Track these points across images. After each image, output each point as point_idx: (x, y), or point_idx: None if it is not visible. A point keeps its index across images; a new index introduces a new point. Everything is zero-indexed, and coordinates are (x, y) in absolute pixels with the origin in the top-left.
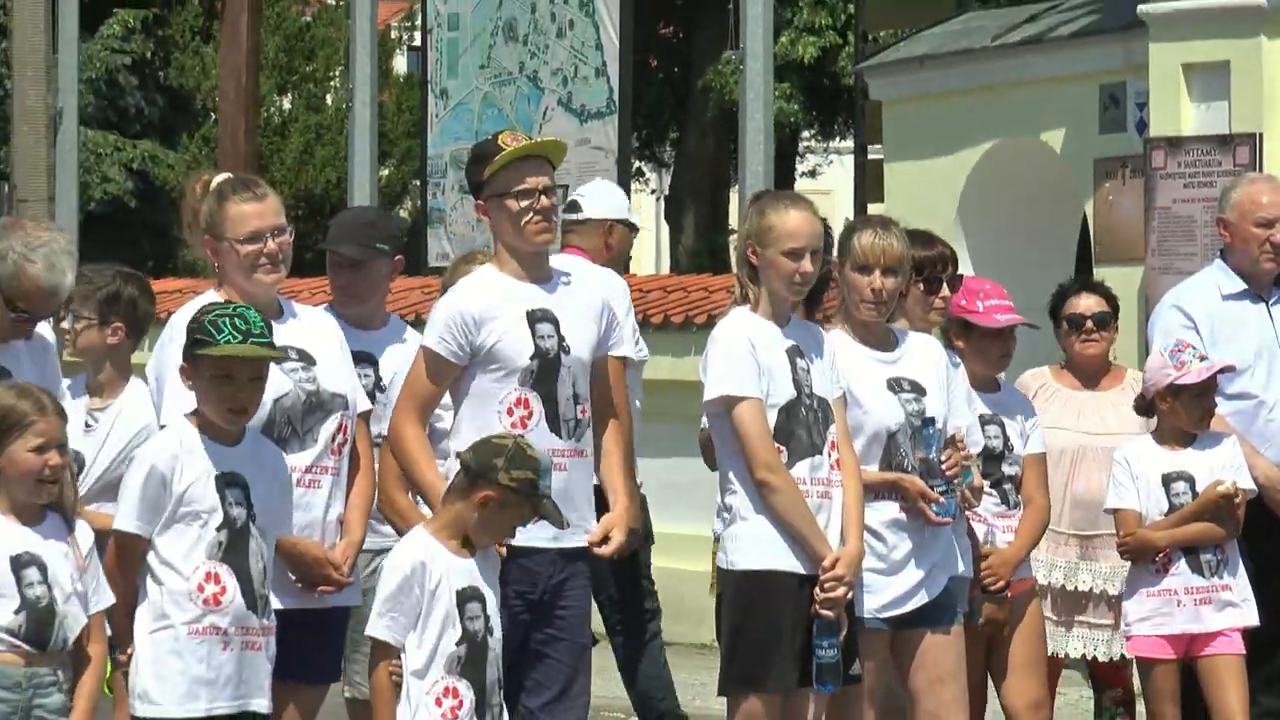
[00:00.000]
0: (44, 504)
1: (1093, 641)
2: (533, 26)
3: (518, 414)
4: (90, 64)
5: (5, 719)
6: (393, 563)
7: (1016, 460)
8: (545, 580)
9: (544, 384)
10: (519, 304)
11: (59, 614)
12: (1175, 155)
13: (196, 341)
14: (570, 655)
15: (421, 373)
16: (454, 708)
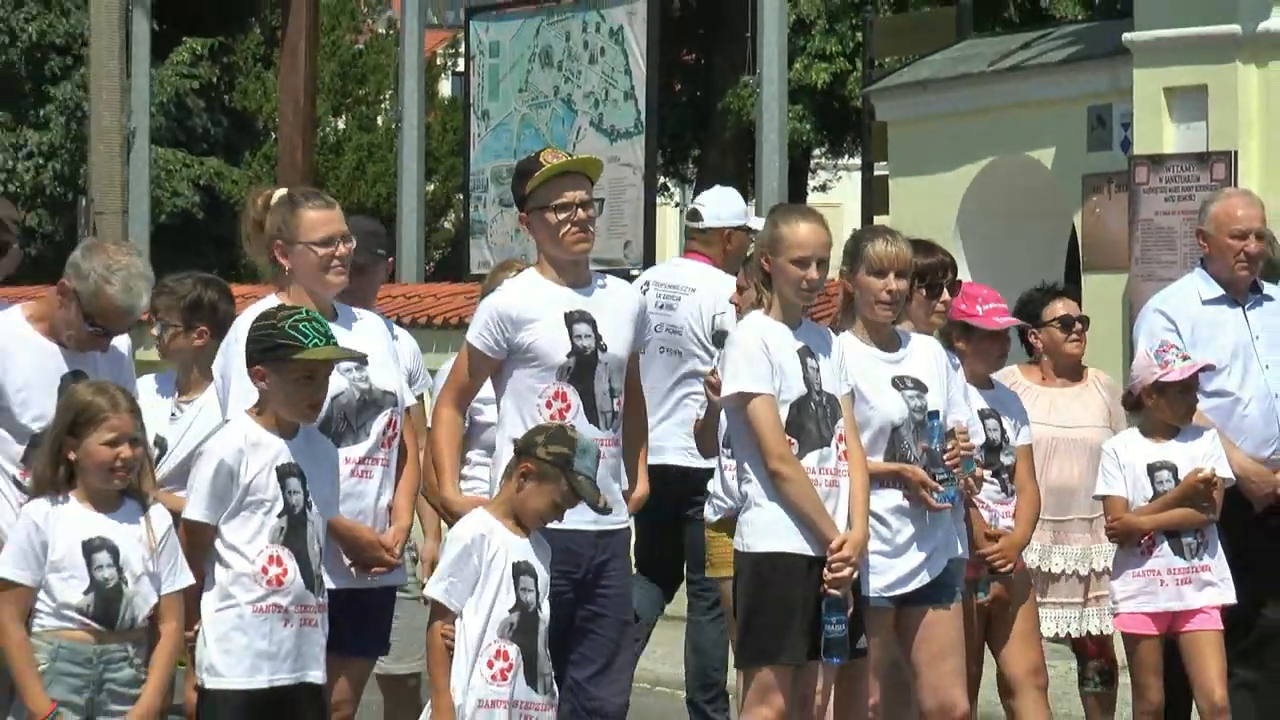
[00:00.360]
0: (120, 491)
1: (1063, 620)
2: (567, 53)
3: (556, 406)
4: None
5: (78, 692)
6: (455, 533)
7: (1012, 451)
8: (588, 561)
9: (581, 379)
10: (558, 306)
11: (127, 594)
12: (1157, 171)
13: (280, 346)
14: (613, 630)
15: (463, 364)
16: (504, 669)
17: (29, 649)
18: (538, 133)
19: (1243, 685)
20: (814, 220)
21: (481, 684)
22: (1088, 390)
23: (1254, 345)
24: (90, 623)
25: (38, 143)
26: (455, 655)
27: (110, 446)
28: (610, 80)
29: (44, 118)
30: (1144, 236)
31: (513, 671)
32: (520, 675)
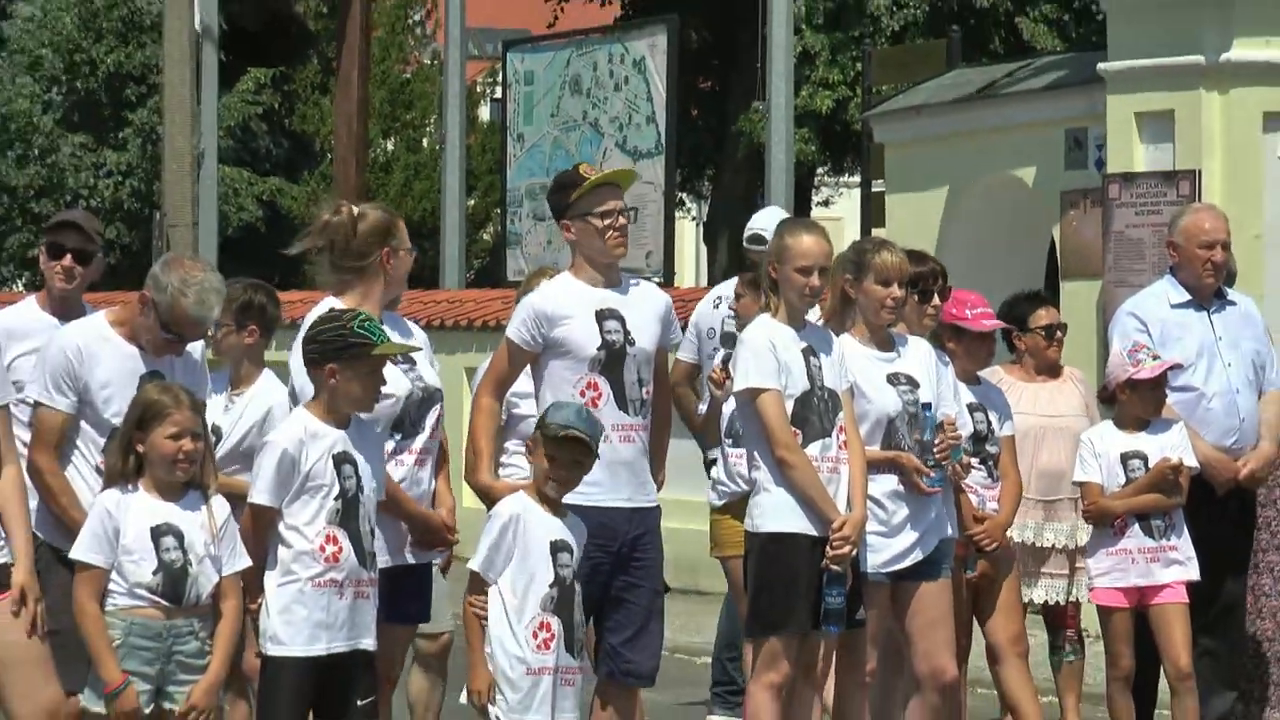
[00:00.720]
0: (184, 482)
1: (1053, 590)
2: (594, 82)
3: (589, 395)
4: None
5: (149, 663)
6: (495, 512)
7: (997, 441)
8: (623, 535)
9: (611, 370)
10: (590, 305)
11: (191, 575)
12: (1128, 188)
13: (353, 345)
14: (646, 599)
15: (502, 357)
16: (546, 639)
17: (103, 625)
18: (568, 153)
19: (1206, 653)
20: (817, 233)
21: (528, 653)
22: (1066, 385)
23: (1217, 345)
24: (159, 600)
25: (116, 163)
26: (491, 623)
27: (174, 440)
28: (633, 106)
29: (122, 140)
30: (1116, 247)
31: (555, 641)
32: (561, 644)
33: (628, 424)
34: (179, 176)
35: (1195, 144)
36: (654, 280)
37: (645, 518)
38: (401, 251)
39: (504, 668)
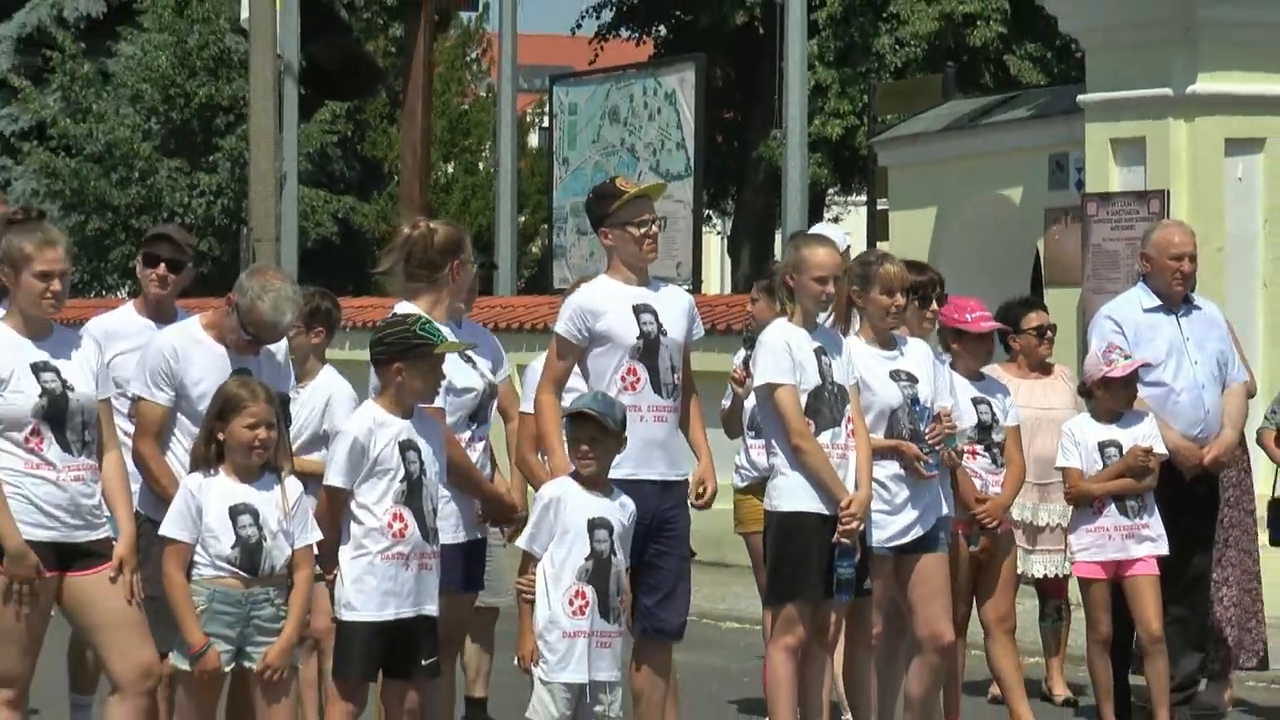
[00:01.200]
0: (260, 466)
1: (1050, 564)
2: (630, 112)
3: (629, 380)
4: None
5: (230, 627)
6: (539, 495)
7: (1002, 430)
8: (654, 508)
9: (648, 358)
10: (627, 300)
11: (266, 548)
12: (1105, 206)
13: (418, 345)
14: (675, 565)
15: (553, 353)
16: (581, 606)
17: (188, 593)
18: (607, 176)
19: (1175, 620)
20: (830, 246)
21: (565, 618)
22: (1056, 381)
23: (1185, 346)
24: (238, 571)
25: (208, 184)
26: (536, 593)
27: (250, 429)
28: (665, 133)
29: (213, 163)
30: (1094, 258)
31: (590, 608)
32: (595, 610)
33: (661, 405)
34: (263, 196)
35: (1164, 167)
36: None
37: (676, 491)
38: (468, 264)
39: (543, 632)
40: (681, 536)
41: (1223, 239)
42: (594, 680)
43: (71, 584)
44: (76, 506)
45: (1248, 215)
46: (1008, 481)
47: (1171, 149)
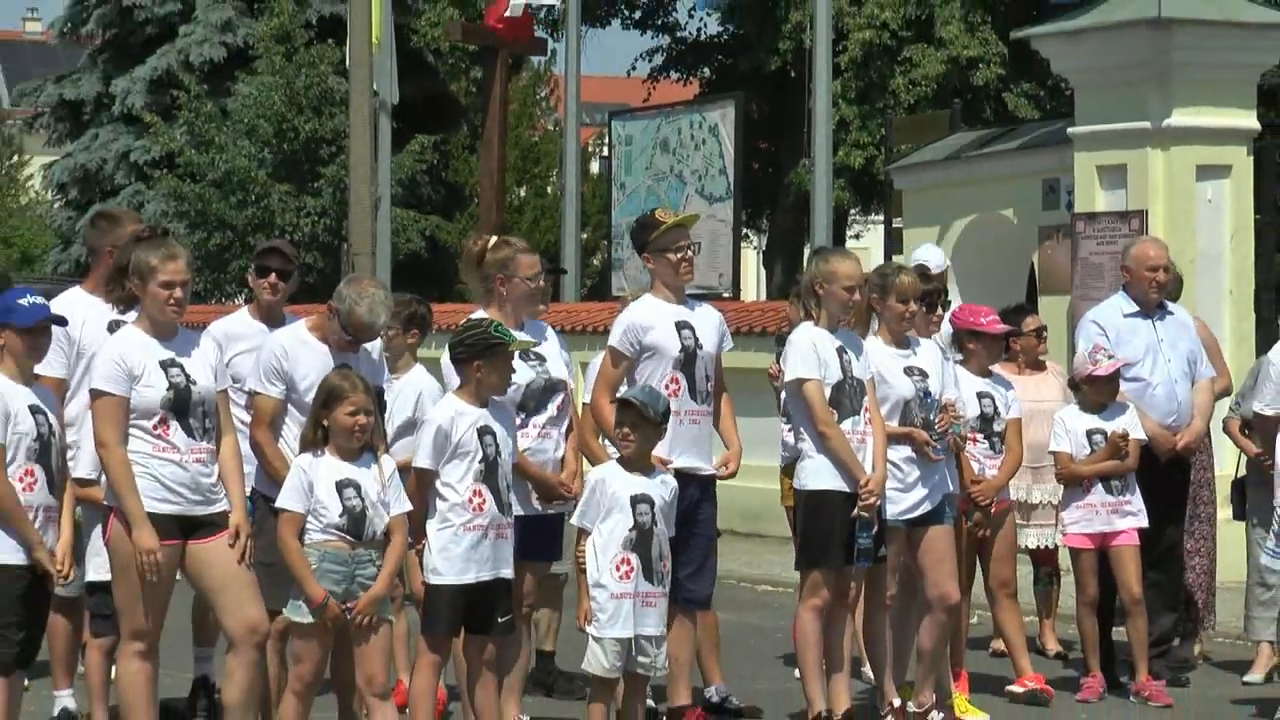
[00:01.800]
0: (359, 447)
1: (1041, 536)
2: (679, 143)
3: (672, 388)
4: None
5: (337, 584)
6: (588, 477)
7: (1003, 421)
8: (690, 497)
9: (688, 368)
10: (670, 318)
11: (368, 517)
12: (1091, 225)
13: (494, 345)
14: (704, 545)
15: (608, 363)
16: (627, 571)
17: (303, 556)
18: (659, 198)
19: (1153, 584)
20: (853, 259)
21: (613, 582)
22: (1050, 377)
23: (1160, 346)
24: (345, 536)
25: (313, 206)
26: (588, 562)
27: (350, 416)
28: (709, 162)
29: (318, 189)
30: (1082, 270)
31: (634, 572)
32: (640, 574)
33: (696, 410)
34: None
35: (1143, 190)
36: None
37: (705, 483)
38: (515, 279)
39: (594, 594)
40: (709, 520)
41: (1194, 253)
42: (639, 635)
43: (192, 551)
44: (197, 484)
45: (1216, 233)
46: (1003, 466)
47: (1149, 175)
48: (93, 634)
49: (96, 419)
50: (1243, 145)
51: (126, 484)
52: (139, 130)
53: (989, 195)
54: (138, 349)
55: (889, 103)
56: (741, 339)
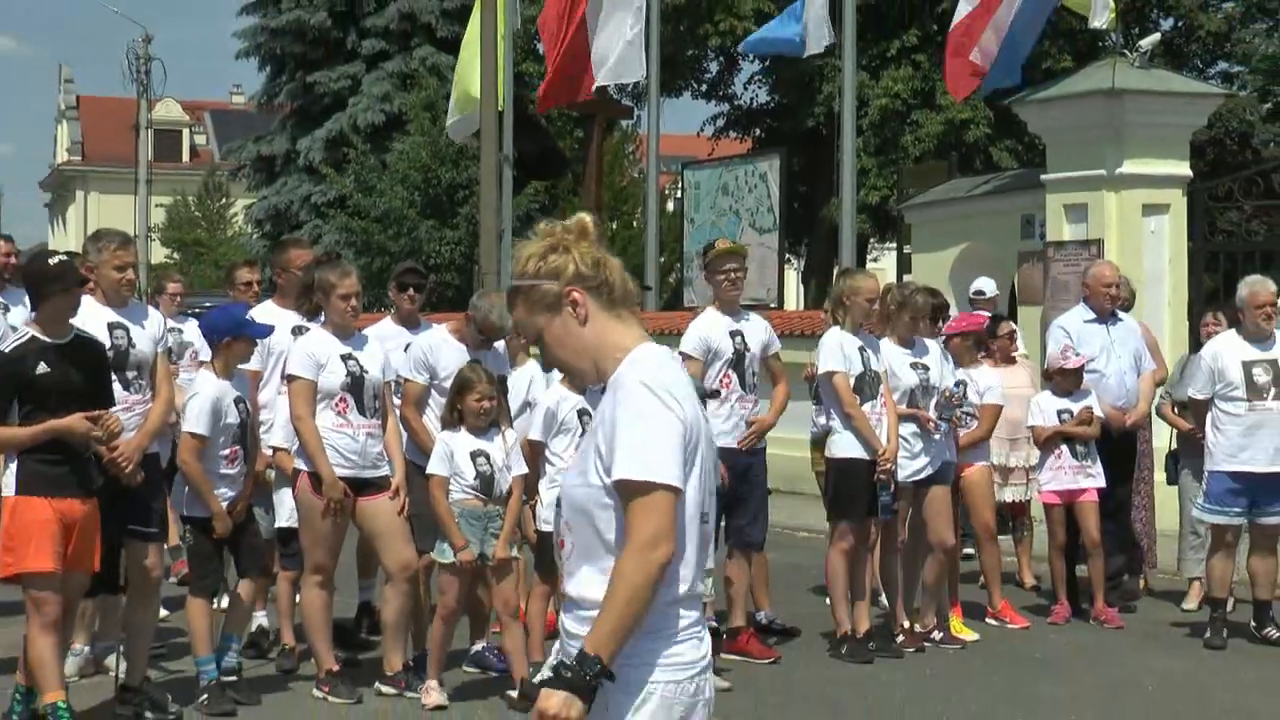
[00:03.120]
0: (486, 425)
1: (1015, 493)
2: (736, 187)
3: (724, 381)
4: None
5: (473, 534)
6: None
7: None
8: (743, 463)
9: (738, 367)
10: (725, 327)
11: (496, 479)
12: (1059, 251)
13: None
14: (757, 499)
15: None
16: None
17: (450, 511)
18: (720, 230)
19: (1107, 532)
20: (872, 278)
21: None
22: (1020, 368)
23: (1112, 345)
24: (480, 495)
25: (452, 237)
26: None
27: (478, 401)
28: (759, 202)
29: (455, 223)
30: (1052, 286)
31: None
32: None
33: (745, 398)
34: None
35: (1100, 224)
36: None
37: (756, 452)
38: None
39: None
40: (761, 481)
41: (1141, 274)
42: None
43: (361, 505)
44: (365, 453)
45: (1158, 258)
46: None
47: (1105, 211)
48: (282, 568)
49: (293, 398)
50: (1179, 188)
51: (317, 448)
52: (318, 178)
53: (979, 227)
54: (324, 345)
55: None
56: (785, 339)
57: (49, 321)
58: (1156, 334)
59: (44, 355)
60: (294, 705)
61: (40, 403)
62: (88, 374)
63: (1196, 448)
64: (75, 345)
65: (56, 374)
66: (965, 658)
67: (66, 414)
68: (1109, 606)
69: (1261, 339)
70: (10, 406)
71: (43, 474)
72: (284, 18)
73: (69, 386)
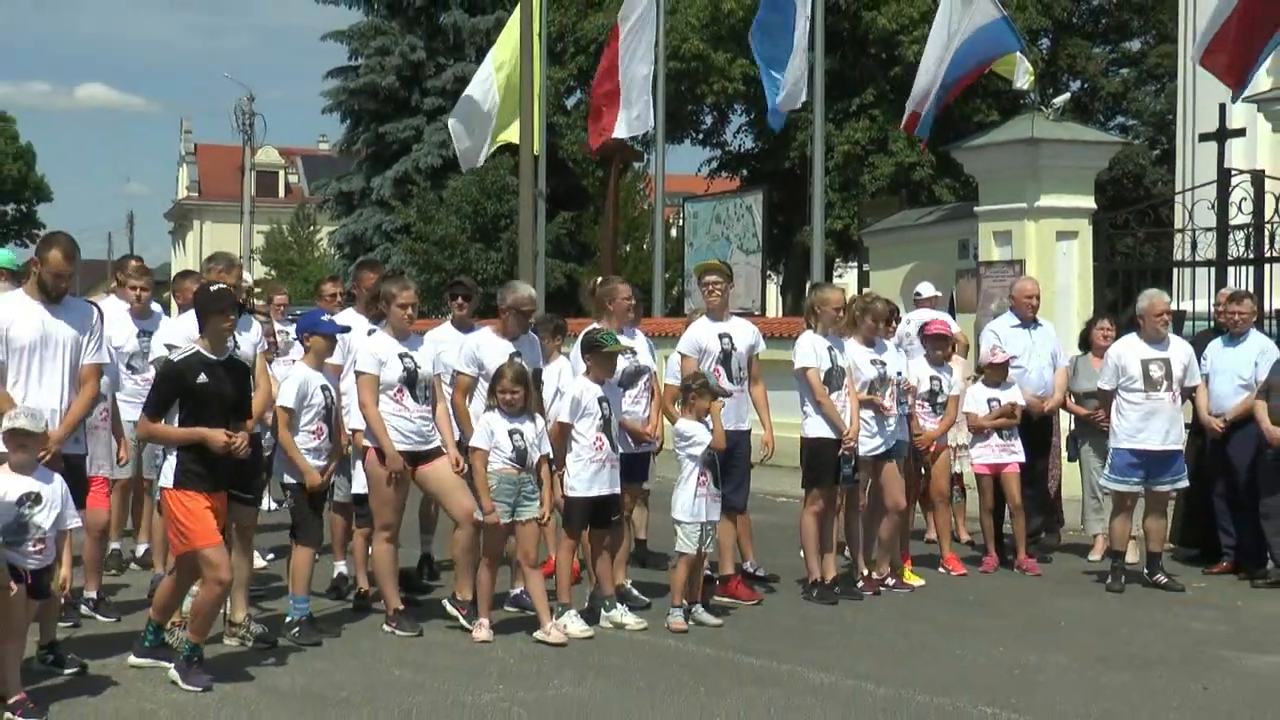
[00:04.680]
0: (520, 409)
1: (958, 466)
2: (727, 217)
3: (715, 374)
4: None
5: (508, 498)
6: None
7: (945, 395)
8: (731, 440)
9: (726, 364)
10: (714, 331)
11: (529, 453)
12: (989, 270)
13: (598, 345)
14: (741, 471)
15: (678, 361)
16: (704, 481)
17: (486, 480)
18: (714, 252)
19: (1028, 497)
20: (838, 290)
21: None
22: (955, 367)
23: (1033, 346)
24: (516, 466)
25: (495, 257)
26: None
27: (503, 393)
28: (746, 229)
29: (499, 246)
30: (983, 298)
31: (708, 482)
32: (711, 483)
33: (732, 389)
34: (526, 264)
35: (1023, 247)
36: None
37: (740, 434)
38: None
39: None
40: (744, 456)
41: (1055, 288)
42: (708, 521)
43: (421, 471)
44: (420, 431)
45: (1068, 275)
46: (941, 423)
47: (1026, 237)
48: (356, 526)
49: (360, 389)
50: (1085, 219)
51: (381, 429)
52: (387, 210)
53: (924, 250)
54: (385, 345)
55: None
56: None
57: (211, 340)
58: (1066, 339)
59: (204, 368)
60: (367, 637)
61: (196, 408)
62: (236, 387)
63: (1094, 429)
64: (229, 362)
65: (212, 385)
66: (913, 599)
67: (216, 419)
68: (1029, 558)
69: (1158, 341)
70: (172, 408)
71: (195, 472)
72: (361, 80)
73: (221, 396)
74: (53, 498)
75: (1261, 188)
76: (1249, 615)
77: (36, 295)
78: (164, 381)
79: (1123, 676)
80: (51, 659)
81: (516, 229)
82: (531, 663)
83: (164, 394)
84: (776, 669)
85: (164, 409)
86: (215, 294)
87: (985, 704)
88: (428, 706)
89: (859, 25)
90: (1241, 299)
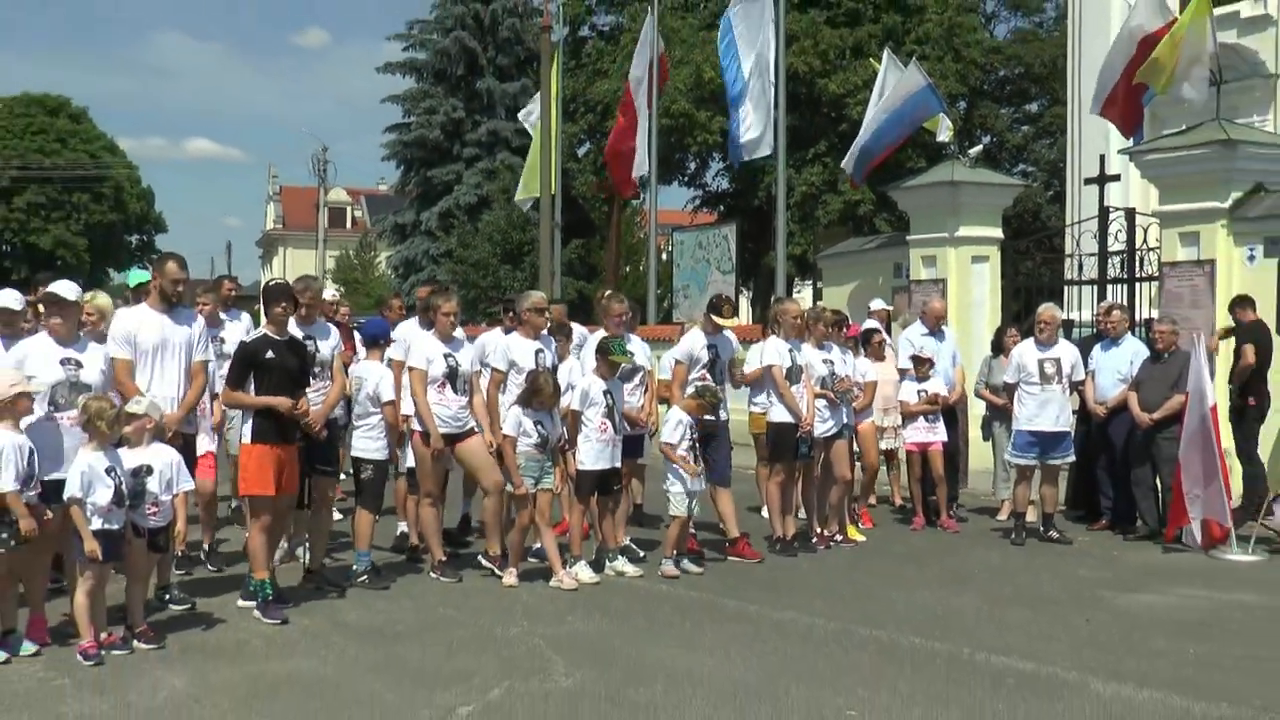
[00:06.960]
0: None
1: (888, 442)
2: (708, 244)
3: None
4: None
5: (533, 475)
6: (669, 416)
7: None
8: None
9: (712, 370)
10: (704, 342)
11: (550, 440)
12: (919, 287)
13: (605, 350)
14: (724, 450)
15: (679, 369)
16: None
17: (515, 461)
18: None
19: (948, 470)
20: (796, 303)
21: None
22: (888, 364)
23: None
24: (540, 449)
25: (520, 277)
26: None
27: (542, 403)
28: (723, 253)
29: (523, 267)
30: (911, 311)
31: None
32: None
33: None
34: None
35: (945, 269)
36: None
37: (723, 424)
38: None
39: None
40: (725, 439)
41: (971, 301)
42: (696, 490)
43: (459, 447)
44: (458, 417)
45: (981, 292)
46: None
47: (948, 260)
48: (409, 492)
49: (412, 382)
50: (995, 246)
51: (428, 415)
52: (434, 239)
53: (867, 270)
54: (431, 345)
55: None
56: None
57: (273, 324)
58: (978, 344)
59: (271, 346)
60: (417, 584)
61: (265, 378)
62: (297, 361)
63: (1004, 415)
64: (290, 342)
65: (277, 359)
66: (857, 553)
67: (282, 389)
68: (950, 518)
69: (1050, 344)
70: (248, 380)
71: (266, 428)
72: (413, 134)
73: (285, 369)
74: (164, 468)
75: (1133, 222)
76: (1123, 563)
77: (157, 306)
78: (240, 359)
79: (1024, 613)
80: (168, 598)
81: (537, 253)
82: (550, 603)
83: (241, 368)
84: (747, 609)
85: (243, 380)
86: (273, 288)
87: (914, 635)
88: (467, 637)
89: (814, 89)
90: (1115, 310)
